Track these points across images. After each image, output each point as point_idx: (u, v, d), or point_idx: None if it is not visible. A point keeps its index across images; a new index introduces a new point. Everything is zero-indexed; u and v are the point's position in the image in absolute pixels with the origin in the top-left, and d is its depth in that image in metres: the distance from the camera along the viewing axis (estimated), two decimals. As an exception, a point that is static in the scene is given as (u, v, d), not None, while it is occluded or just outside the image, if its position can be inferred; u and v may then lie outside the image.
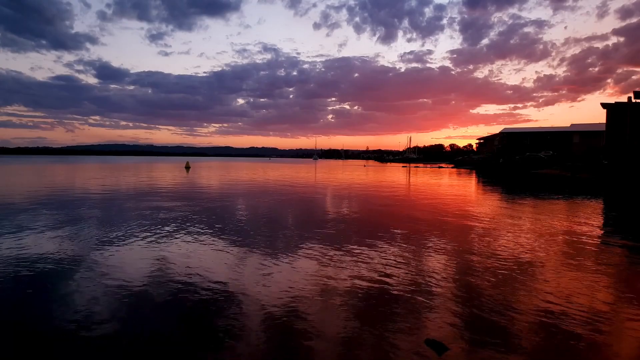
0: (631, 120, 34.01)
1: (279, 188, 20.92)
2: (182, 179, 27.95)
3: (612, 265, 6.24)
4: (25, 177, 26.97)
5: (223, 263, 6.17)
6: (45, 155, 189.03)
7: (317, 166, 69.37)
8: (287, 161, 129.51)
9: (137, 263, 6.08)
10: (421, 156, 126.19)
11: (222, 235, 8.20)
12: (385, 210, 12.62)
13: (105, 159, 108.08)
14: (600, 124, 41.91)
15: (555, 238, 8.29)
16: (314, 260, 6.37)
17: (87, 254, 6.57)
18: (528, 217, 11.32)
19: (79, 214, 10.75)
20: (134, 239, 7.75)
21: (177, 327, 3.91)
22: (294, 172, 42.99)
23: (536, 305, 4.51)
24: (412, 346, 3.52)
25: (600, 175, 26.88)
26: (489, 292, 4.94)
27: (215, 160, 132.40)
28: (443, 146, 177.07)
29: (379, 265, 6.07)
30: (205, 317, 4.14)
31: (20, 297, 4.65)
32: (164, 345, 3.55)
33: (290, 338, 3.69)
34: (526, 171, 36.73)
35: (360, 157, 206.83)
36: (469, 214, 11.75)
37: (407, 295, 4.79)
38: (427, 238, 8.16)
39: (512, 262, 6.33)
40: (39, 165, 52.61)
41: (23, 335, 3.73)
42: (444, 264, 6.22)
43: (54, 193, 16.33)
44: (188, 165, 50.31)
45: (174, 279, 5.32)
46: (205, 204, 13.55)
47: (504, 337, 3.72)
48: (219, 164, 76.84)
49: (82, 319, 4.04)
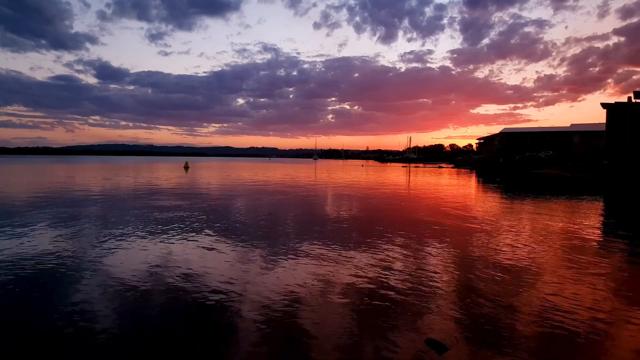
0: (631, 120, 34.02)
1: (279, 188, 20.91)
2: (179, 179, 27.93)
3: (612, 266, 6.23)
4: (26, 178, 26.96)
5: (223, 262, 6.16)
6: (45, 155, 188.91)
7: (317, 166, 69.34)
8: (287, 161, 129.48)
9: (136, 262, 6.07)
10: (421, 156, 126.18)
11: (221, 235, 8.19)
12: (385, 210, 12.61)
13: (105, 159, 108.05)
14: (601, 124, 41.91)
15: (555, 238, 8.29)
16: (314, 259, 6.37)
17: (87, 253, 6.56)
18: (528, 217, 11.32)
19: (78, 214, 10.74)
20: (133, 238, 7.74)
21: (178, 327, 3.91)
22: (294, 172, 42.98)
23: (536, 305, 4.51)
24: (412, 346, 3.52)
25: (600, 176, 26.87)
26: (489, 292, 4.93)
27: (215, 160, 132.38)
28: (443, 146, 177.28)
29: (379, 265, 6.07)
30: (205, 316, 4.13)
31: (21, 297, 4.65)
32: (164, 345, 3.55)
33: (291, 337, 3.68)
34: (526, 171, 36.72)
35: (360, 157, 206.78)
36: (468, 215, 11.75)
37: (407, 295, 4.79)
38: (427, 238, 8.16)
39: (513, 262, 6.33)
40: (39, 165, 52.60)
41: (23, 335, 3.72)
42: (444, 264, 6.22)
43: (53, 193, 16.32)
44: (187, 165, 50.60)
45: (174, 279, 5.31)
46: (203, 203, 13.54)
47: (504, 337, 3.71)
48: (219, 164, 76.82)
49: (82, 318, 4.03)
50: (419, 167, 70.43)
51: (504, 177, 33.97)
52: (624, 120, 34.61)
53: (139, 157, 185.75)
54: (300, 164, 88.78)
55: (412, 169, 56.40)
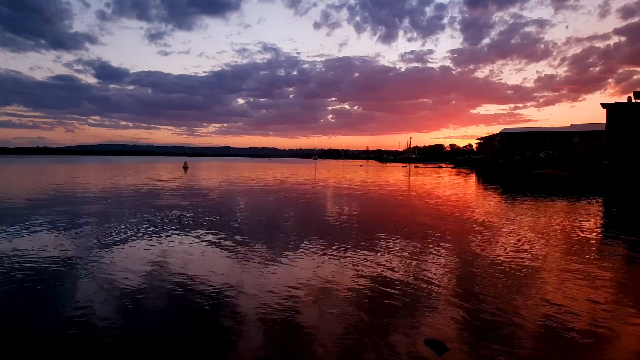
0: (631, 120, 34.00)
1: (278, 188, 20.90)
2: (178, 179, 27.91)
3: (612, 266, 6.22)
4: (26, 178, 26.94)
5: (223, 262, 6.15)
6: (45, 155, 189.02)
7: (317, 166, 69.33)
8: (287, 161, 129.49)
9: (136, 262, 6.06)
10: (421, 156, 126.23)
11: (221, 235, 8.18)
12: (385, 210, 12.60)
13: (105, 159, 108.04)
14: (601, 124, 41.90)
15: (555, 239, 8.28)
16: (314, 259, 6.36)
17: (87, 253, 6.55)
18: (528, 217, 11.30)
19: (78, 214, 10.72)
20: (132, 238, 7.73)
21: (178, 327, 3.90)
22: (294, 172, 42.96)
23: (536, 305, 4.50)
24: (412, 346, 3.51)
25: (600, 176, 26.86)
26: (489, 292, 4.92)
27: (215, 160, 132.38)
28: (443, 146, 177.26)
29: (379, 265, 6.06)
30: (205, 316, 4.12)
31: (21, 297, 4.64)
32: (164, 345, 3.53)
33: (291, 337, 3.67)
34: (526, 171, 36.69)
35: (360, 157, 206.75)
36: (468, 215, 11.74)
37: (407, 295, 4.78)
38: (427, 238, 8.14)
39: (513, 262, 6.32)
40: (39, 165, 52.58)
41: (24, 335, 3.71)
42: (444, 264, 6.21)
43: (53, 193, 16.31)
44: (186, 165, 50.95)
45: (174, 278, 5.30)
46: (202, 203, 13.52)
47: (504, 337, 3.70)
48: (219, 164, 76.81)
49: (82, 318, 4.03)
50: (419, 167, 70.43)
51: (504, 177, 33.97)
52: (624, 120, 34.60)
53: (139, 157, 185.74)
54: (300, 164, 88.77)
55: (412, 169, 56.40)
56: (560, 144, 52.94)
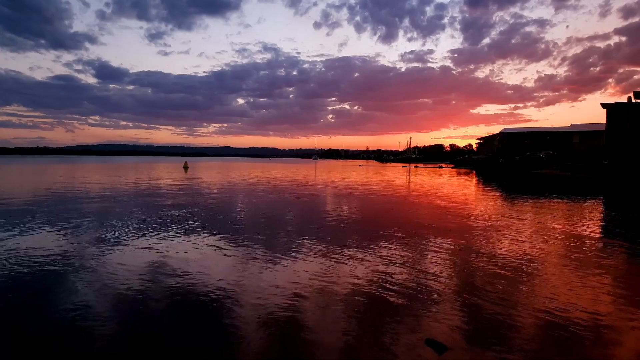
0: (631, 120, 34.00)
1: (278, 188, 20.89)
2: (178, 179, 27.92)
3: (612, 266, 6.22)
4: (26, 178, 26.94)
5: (223, 262, 6.15)
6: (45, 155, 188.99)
7: (316, 166, 69.33)
8: (287, 161, 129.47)
9: (136, 262, 6.06)
10: (421, 156, 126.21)
11: (221, 235, 8.18)
12: (385, 210, 12.60)
13: (105, 159, 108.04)
14: (601, 124, 41.89)
15: (555, 239, 8.28)
16: (314, 259, 6.36)
17: (87, 252, 6.55)
18: (528, 217, 11.31)
19: (78, 214, 10.72)
20: (132, 238, 7.73)
21: (179, 326, 3.89)
22: (294, 172, 42.96)
23: (536, 305, 4.50)
24: (412, 346, 3.51)
25: (600, 176, 26.85)
26: (489, 292, 4.92)
27: (215, 160, 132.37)
28: (443, 146, 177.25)
29: (379, 265, 6.06)
30: (205, 316, 4.12)
31: (21, 296, 4.64)
32: (164, 345, 3.53)
33: (291, 337, 3.67)
34: (526, 171, 36.69)
35: (360, 157, 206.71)
36: (468, 215, 11.74)
37: (407, 295, 4.78)
38: (427, 238, 8.15)
39: (513, 262, 6.32)
40: (39, 165, 52.57)
41: (24, 335, 3.71)
42: (444, 264, 6.21)
43: (54, 193, 16.31)
44: (186, 165, 51.19)
45: (174, 278, 5.30)
46: (201, 203, 13.52)
47: (504, 337, 3.70)
48: (219, 164, 76.81)
49: (81, 318, 4.03)
50: (419, 167, 70.41)
51: (504, 177, 33.97)
52: (624, 120, 34.59)
53: (139, 157, 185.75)
54: (300, 164, 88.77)
55: (412, 169, 56.39)
56: (560, 144, 52.94)
